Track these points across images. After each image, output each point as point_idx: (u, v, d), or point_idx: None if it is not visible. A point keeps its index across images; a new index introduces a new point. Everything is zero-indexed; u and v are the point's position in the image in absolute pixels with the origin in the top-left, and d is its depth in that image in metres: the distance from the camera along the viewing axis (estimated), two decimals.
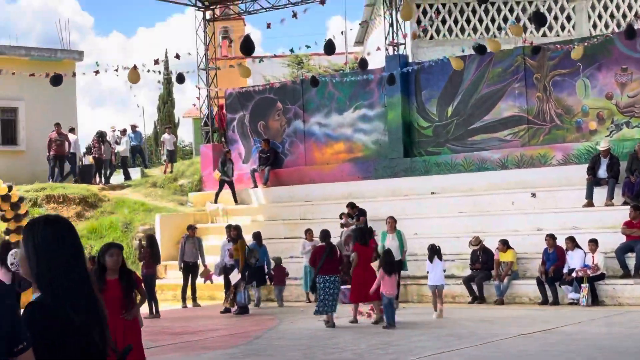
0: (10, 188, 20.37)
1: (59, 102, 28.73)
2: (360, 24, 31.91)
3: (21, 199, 20.87)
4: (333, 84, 25.43)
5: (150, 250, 19.00)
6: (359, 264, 15.80)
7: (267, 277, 19.82)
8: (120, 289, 8.31)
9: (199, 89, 27.88)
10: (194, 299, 20.45)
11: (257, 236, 20.00)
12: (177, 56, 23.71)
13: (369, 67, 23.74)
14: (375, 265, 15.57)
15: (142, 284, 9.48)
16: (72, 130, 28.89)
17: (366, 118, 24.82)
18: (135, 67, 20.91)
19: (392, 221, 18.46)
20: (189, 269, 20.41)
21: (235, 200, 25.03)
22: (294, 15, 21.85)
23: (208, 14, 28.41)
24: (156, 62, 21.61)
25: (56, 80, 21.08)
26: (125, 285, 8.38)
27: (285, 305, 19.47)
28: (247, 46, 19.73)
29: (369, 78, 24.07)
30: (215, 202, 25.04)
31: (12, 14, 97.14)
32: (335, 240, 18.14)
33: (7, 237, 20.55)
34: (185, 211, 25.56)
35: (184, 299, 20.37)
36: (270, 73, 39.45)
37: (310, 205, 23.76)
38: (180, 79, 23.08)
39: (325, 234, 16.17)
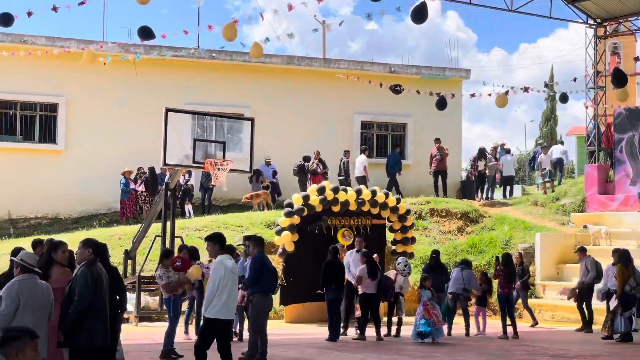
0: (398, 200, 21.40)
1: (446, 118, 29.53)
2: None
3: (408, 212, 21.80)
4: None
5: (506, 269, 18.53)
6: None
7: None
8: None
9: (587, 107, 27.24)
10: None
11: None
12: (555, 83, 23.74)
13: None
14: None
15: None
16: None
17: None
18: (506, 92, 21.09)
19: None
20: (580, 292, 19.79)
21: None
22: None
23: (599, 31, 27.67)
24: (546, 85, 21.55)
25: (441, 103, 21.94)
26: None
27: None
28: (619, 77, 18.88)
29: None
30: None
31: (400, 32, 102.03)
32: None
33: (393, 247, 21.68)
34: (567, 231, 25.05)
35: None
36: None
37: None
38: (564, 98, 22.85)
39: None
